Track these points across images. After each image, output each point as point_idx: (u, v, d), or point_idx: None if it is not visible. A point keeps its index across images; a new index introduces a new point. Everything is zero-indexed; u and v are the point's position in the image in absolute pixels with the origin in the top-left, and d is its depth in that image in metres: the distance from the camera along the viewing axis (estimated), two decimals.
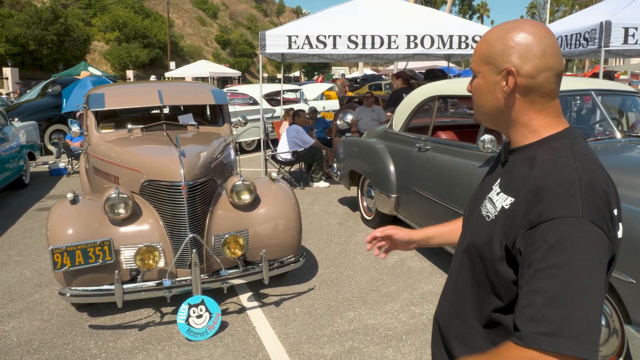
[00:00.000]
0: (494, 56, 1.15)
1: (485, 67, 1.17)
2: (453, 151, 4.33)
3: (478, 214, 1.21)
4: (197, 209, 3.78)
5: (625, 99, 4.66)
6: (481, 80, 1.19)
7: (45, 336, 3.61)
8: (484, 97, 1.20)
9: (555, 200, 1.00)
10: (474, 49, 1.26)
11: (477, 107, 1.24)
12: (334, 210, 6.85)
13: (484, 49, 1.17)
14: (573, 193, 1.00)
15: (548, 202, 1.00)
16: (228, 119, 5.28)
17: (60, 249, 3.38)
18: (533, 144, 1.15)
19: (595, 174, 1.05)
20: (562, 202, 0.99)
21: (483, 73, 1.18)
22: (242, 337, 3.56)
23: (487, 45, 1.17)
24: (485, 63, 1.17)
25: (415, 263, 4.90)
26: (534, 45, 1.11)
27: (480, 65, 1.19)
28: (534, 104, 1.15)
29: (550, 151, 1.11)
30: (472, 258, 1.18)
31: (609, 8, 7.65)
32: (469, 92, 1.25)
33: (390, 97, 8.12)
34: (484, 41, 1.19)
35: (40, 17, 32.10)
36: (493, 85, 1.17)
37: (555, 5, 50.19)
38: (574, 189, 1.00)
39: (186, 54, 55.36)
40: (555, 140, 1.13)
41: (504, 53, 1.13)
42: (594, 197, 1.00)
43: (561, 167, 1.05)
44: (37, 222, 6.47)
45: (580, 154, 1.08)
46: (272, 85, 14.39)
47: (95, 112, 4.77)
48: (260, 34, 7.93)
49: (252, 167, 9.82)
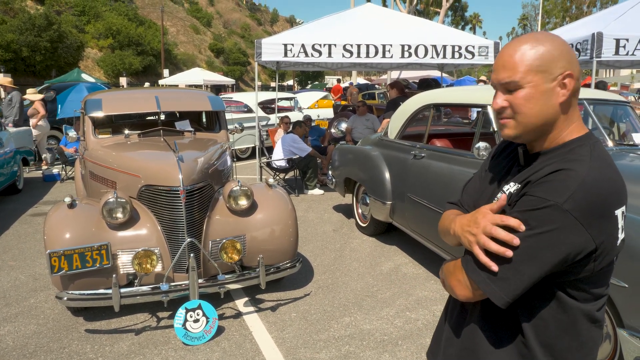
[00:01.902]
0: (546, 64, 1.17)
1: (537, 76, 1.17)
2: (448, 158, 4.38)
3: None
4: (195, 214, 3.80)
5: (617, 108, 4.75)
6: (533, 91, 1.18)
7: (41, 340, 3.60)
8: (537, 106, 1.19)
9: (553, 184, 1.11)
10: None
11: (527, 118, 1.20)
12: (328, 218, 6.89)
13: (532, 58, 1.17)
14: (571, 184, 1.09)
15: (547, 183, 1.12)
16: (225, 125, 5.31)
17: (58, 253, 3.38)
18: (557, 148, 1.22)
19: (607, 176, 1.13)
20: (555, 188, 1.10)
21: (534, 83, 1.18)
22: (239, 342, 3.57)
23: (535, 54, 1.17)
24: (537, 72, 1.17)
25: (410, 269, 4.93)
26: (571, 51, 1.20)
27: (530, 75, 1.17)
28: (573, 107, 1.23)
29: (572, 153, 1.19)
30: None
31: (600, 19, 7.80)
32: (498, 108, 1.22)
33: (387, 106, 8.19)
34: (527, 51, 1.18)
35: (33, 24, 32.02)
36: (548, 93, 1.19)
37: (546, 17, 50.82)
38: (575, 181, 1.10)
39: (180, 62, 55.44)
40: (575, 144, 1.21)
41: (556, 59, 1.18)
42: (589, 194, 1.09)
43: (575, 164, 1.14)
44: (31, 228, 6.45)
45: (597, 158, 1.16)
46: (266, 93, 14.44)
47: (92, 118, 4.78)
48: (256, 42, 7.99)
49: (247, 175, 9.84)
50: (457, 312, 1.36)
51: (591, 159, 1.15)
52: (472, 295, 1.20)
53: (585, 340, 1.22)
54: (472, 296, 1.20)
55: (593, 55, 6.73)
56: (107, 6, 48.77)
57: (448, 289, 1.30)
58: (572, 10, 49.97)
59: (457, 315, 1.36)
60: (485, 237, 1.14)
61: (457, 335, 1.33)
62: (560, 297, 1.17)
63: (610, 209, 1.11)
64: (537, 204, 1.10)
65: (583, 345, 1.21)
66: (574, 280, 1.16)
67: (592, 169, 1.12)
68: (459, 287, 1.23)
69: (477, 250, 1.15)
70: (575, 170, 1.11)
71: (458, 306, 1.36)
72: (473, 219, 1.20)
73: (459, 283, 1.22)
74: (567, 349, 1.20)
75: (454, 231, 1.25)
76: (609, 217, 1.11)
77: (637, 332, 2.58)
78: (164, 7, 51.07)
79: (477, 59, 8.13)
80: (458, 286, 1.23)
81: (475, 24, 60.33)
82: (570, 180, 1.10)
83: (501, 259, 1.11)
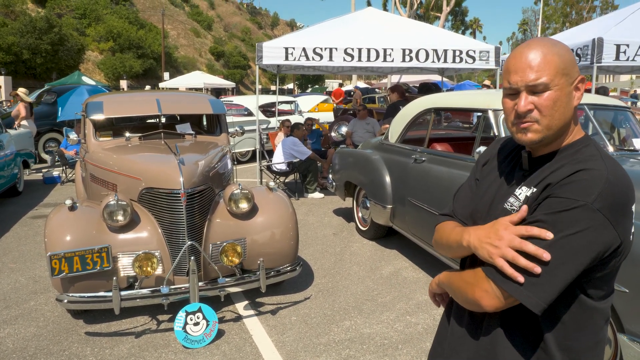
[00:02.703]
0: (568, 67, 1.19)
1: (562, 79, 1.18)
2: (449, 162, 4.39)
3: (501, 210, 1.26)
4: (196, 216, 3.80)
5: (617, 113, 4.76)
6: (559, 93, 1.19)
7: (41, 343, 3.59)
8: (562, 109, 1.20)
9: (580, 184, 1.11)
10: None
11: (549, 122, 1.20)
12: (328, 221, 6.89)
13: (557, 61, 1.18)
14: (597, 183, 1.10)
15: (574, 183, 1.12)
16: (225, 128, 5.32)
17: (59, 255, 3.38)
18: (563, 150, 1.24)
19: (621, 174, 1.15)
20: (583, 188, 1.10)
21: (560, 85, 1.18)
22: (239, 345, 3.56)
23: (559, 57, 1.18)
24: (562, 75, 1.18)
25: (410, 273, 4.93)
26: (575, 58, 1.25)
27: (557, 77, 1.18)
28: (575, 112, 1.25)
29: (581, 154, 1.20)
30: None
31: (601, 25, 7.83)
32: (525, 110, 1.21)
33: (387, 110, 8.20)
34: (552, 54, 1.18)
35: (34, 26, 32.08)
36: (569, 96, 1.21)
37: (546, 22, 50.94)
38: (599, 180, 1.11)
39: (180, 65, 55.51)
40: (579, 145, 1.23)
41: (573, 63, 1.21)
42: (613, 191, 1.10)
43: (592, 164, 1.15)
44: (31, 230, 6.45)
45: (607, 157, 1.18)
46: (267, 96, 14.46)
47: (93, 120, 4.79)
48: (257, 45, 8.00)
49: (247, 178, 9.84)
50: (467, 317, 1.34)
51: (602, 158, 1.17)
52: (502, 305, 1.16)
53: (599, 339, 1.23)
54: (502, 305, 1.17)
55: (593, 61, 6.75)
56: (108, 9, 48.85)
57: (467, 301, 1.25)
58: (572, 15, 50.10)
59: (469, 320, 1.33)
60: (512, 252, 1.12)
61: (474, 338, 1.31)
62: (580, 297, 1.18)
63: (629, 205, 1.14)
64: (567, 205, 1.09)
65: (597, 344, 1.22)
66: (595, 278, 1.17)
67: (609, 167, 1.13)
68: (486, 298, 1.17)
69: (500, 262, 1.13)
70: (597, 170, 1.12)
71: (467, 311, 1.34)
72: (493, 230, 1.18)
73: (486, 294, 1.17)
74: (584, 349, 1.20)
75: (469, 243, 1.23)
76: (630, 213, 1.14)
77: (637, 338, 2.58)
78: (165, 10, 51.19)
79: (478, 64, 8.14)
80: (485, 297, 1.17)
81: (476, 28, 60.47)
82: (595, 180, 1.10)
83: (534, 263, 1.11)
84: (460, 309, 1.36)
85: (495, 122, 3.98)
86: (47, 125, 12.26)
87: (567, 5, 50.38)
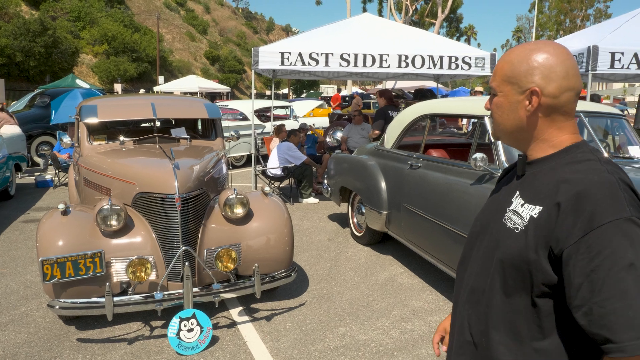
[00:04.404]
0: (517, 76, 1.18)
1: (508, 86, 1.20)
2: (445, 169, 4.38)
3: (502, 228, 1.22)
4: (190, 222, 3.76)
5: (612, 121, 4.77)
6: (503, 99, 1.22)
7: (31, 349, 3.54)
8: (506, 115, 1.23)
9: (601, 203, 1.03)
10: (494, 69, 1.26)
11: (497, 124, 1.27)
12: (323, 227, 6.86)
13: (506, 69, 1.20)
14: (616, 193, 1.04)
15: (595, 207, 1.03)
16: (221, 133, 5.29)
17: (51, 260, 3.34)
18: (554, 155, 1.20)
19: (622, 172, 1.11)
20: (608, 205, 1.02)
21: (505, 92, 1.21)
22: (234, 352, 3.52)
23: (509, 65, 1.20)
24: (508, 83, 1.20)
25: (405, 280, 4.91)
26: (557, 66, 1.15)
27: (502, 84, 1.21)
28: (554, 122, 1.19)
29: (575, 158, 1.15)
30: (505, 272, 1.19)
31: (596, 33, 7.87)
32: (487, 110, 1.29)
33: (376, 115, 8.21)
34: (505, 61, 1.21)
35: (28, 29, 31.92)
36: (515, 105, 1.21)
37: (540, 30, 51.29)
38: (614, 188, 1.05)
39: (175, 69, 55.44)
40: (576, 150, 1.18)
41: (528, 73, 1.17)
42: (631, 194, 1.06)
43: (594, 171, 1.09)
44: (23, 234, 6.38)
45: (604, 161, 1.13)
46: (262, 101, 14.45)
47: (87, 124, 4.74)
48: (253, 50, 7.99)
49: (241, 183, 9.81)
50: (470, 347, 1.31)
51: (600, 162, 1.13)
52: None
53: None
54: None
55: (589, 69, 6.78)
56: (102, 12, 48.74)
57: None
58: (566, 23, 50.51)
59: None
60: None
61: None
62: None
63: None
64: (615, 229, 1.00)
65: None
66: None
67: (610, 170, 1.09)
68: None
69: None
70: (606, 178, 1.07)
71: None
72: None
73: None
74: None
75: None
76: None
77: None
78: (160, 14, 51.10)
79: (474, 70, 8.16)
80: None
81: (470, 35, 60.78)
82: (612, 190, 1.05)
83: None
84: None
85: None
86: (40, 128, 12.18)
87: (561, 13, 50.81)
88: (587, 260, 1.01)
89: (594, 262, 1.00)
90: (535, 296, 1.14)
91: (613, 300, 0.98)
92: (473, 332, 1.29)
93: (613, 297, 0.98)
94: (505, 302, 1.19)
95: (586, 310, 1.02)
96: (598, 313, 1.00)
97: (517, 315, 1.17)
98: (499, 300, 1.20)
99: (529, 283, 1.13)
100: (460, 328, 1.33)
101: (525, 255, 1.13)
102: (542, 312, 1.14)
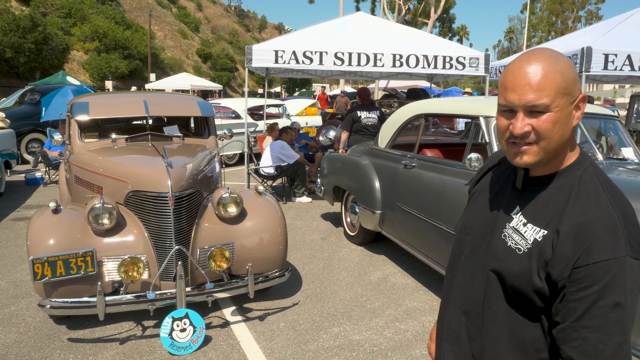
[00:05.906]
0: (570, 86, 1.10)
1: (563, 99, 1.09)
2: (439, 169, 4.37)
3: (501, 245, 1.20)
4: (183, 220, 3.73)
5: (606, 122, 4.78)
6: (559, 114, 1.09)
7: (21, 349, 3.49)
8: (561, 131, 1.11)
9: (601, 240, 1.04)
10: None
11: (547, 144, 1.11)
12: (316, 226, 6.84)
13: (559, 80, 1.08)
14: (616, 232, 1.04)
15: (594, 242, 1.04)
16: (214, 131, 5.25)
17: (41, 259, 3.29)
18: (558, 175, 1.17)
19: (625, 203, 1.11)
20: (607, 243, 1.04)
21: (560, 106, 1.09)
22: (226, 352, 3.50)
23: (561, 76, 1.08)
24: (563, 95, 1.09)
25: (399, 279, 4.90)
26: (575, 71, 1.14)
27: (558, 98, 1.08)
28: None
29: (578, 183, 1.14)
30: (505, 288, 1.18)
31: (589, 34, 7.91)
32: (522, 133, 1.11)
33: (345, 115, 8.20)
34: (554, 72, 1.08)
35: (18, 25, 31.55)
36: (569, 117, 1.11)
37: (532, 30, 51.55)
38: (615, 226, 1.05)
39: (167, 67, 55.15)
40: (578, 168, 1.16)
41: (576, 81, 1.11)
42: (631, 230, 1.06)
43: (598, 203, 1.09)
44: (13, 232, 6.30)
45: (606, 184, 1.13)
46: (255, 99, 14.39)
47: (78, 121, 4.69)
48: (247, 48, 7.94)
49: (234, 181, 9.76)
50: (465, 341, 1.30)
51: (605, 190, 1.12)
52: None
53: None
54: None
55: (582, 70, 6.81)
56: (94, 9, 48.32)
57: None
58: (558, 24, 50.80)
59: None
60: None
61: None
62: None
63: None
64: (610, 267, 1.02)
65: None
66: None
67: (615, 203, 1.09)
68: None
69: None
70: (610, 213, 1.07)
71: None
72: None
73: None
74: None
75: None
76: None
77: (635, 350, 2.57)
78: (152, 11, 50.83)
79: (468, 70, 8.17)
80: None
81: (463, 35, 60.97)
82: (613, 227, 1.05)
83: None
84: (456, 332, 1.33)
85: (487, 129, 3.97)
86: (30, 125, 12.05)
87: (553, 14, 51.10)
88: (576, 290, 1.04)
89: (583, 292, 1.04)
90: (537, 311, 1.15)
91: (590, 330, 1.03)
92: (473, 345, 1.27)
93: (591, 327, 1.03)
94: (509, 313, 1.19)
95: (562, 328, 1.07)
96: (572, 336, 1.05)
97: (521, 327, 1.17)
98: (502, 313, 1.20)
99: (531, 301, 1.14)
100: (457, 339, 1.31)
101: (529, 279, 1.12)
102: (545, 325, 1.15)
